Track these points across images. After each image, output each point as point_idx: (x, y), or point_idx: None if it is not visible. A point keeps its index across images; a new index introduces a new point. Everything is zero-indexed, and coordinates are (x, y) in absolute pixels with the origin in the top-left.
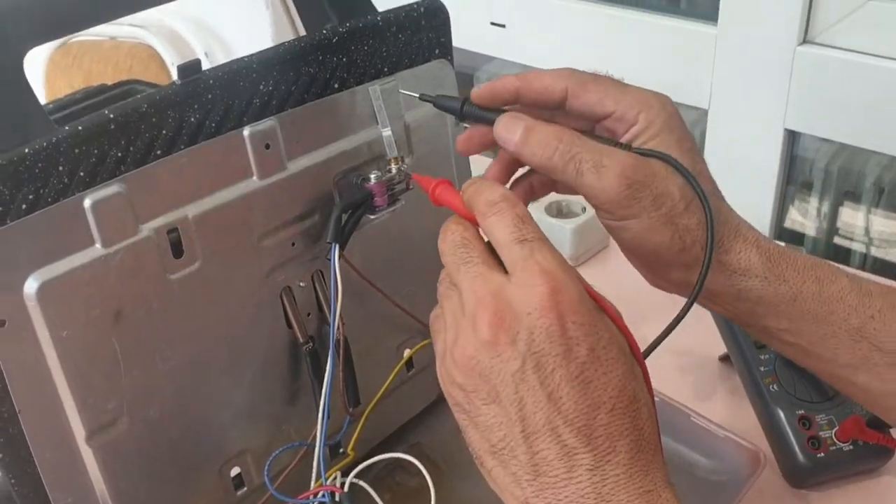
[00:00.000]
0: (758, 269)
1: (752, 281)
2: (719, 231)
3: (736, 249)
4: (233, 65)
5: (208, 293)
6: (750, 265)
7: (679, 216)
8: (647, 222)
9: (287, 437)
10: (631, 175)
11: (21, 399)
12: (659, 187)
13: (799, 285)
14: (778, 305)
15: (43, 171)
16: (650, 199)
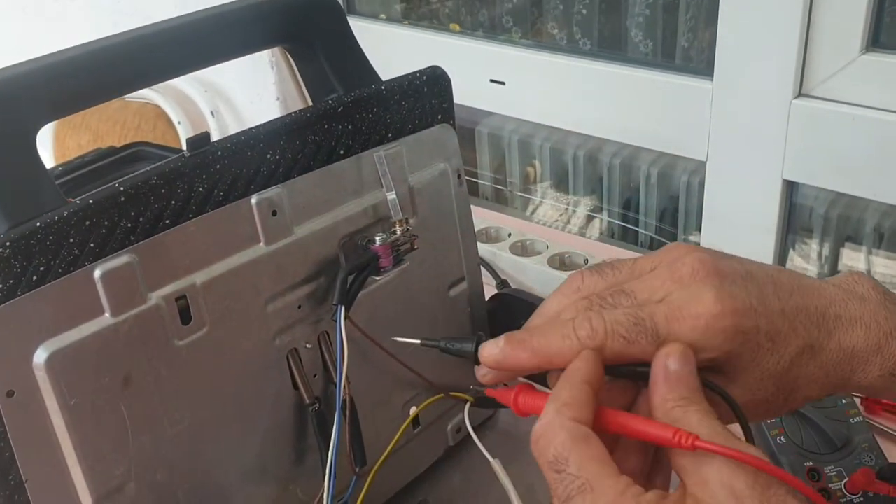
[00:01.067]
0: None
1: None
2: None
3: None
4: (240, 136)
5: (215, 357)
6: (871, 386)
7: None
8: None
9: (294, 498)
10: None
11: (28, 468)
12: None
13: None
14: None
15: (54, 243)
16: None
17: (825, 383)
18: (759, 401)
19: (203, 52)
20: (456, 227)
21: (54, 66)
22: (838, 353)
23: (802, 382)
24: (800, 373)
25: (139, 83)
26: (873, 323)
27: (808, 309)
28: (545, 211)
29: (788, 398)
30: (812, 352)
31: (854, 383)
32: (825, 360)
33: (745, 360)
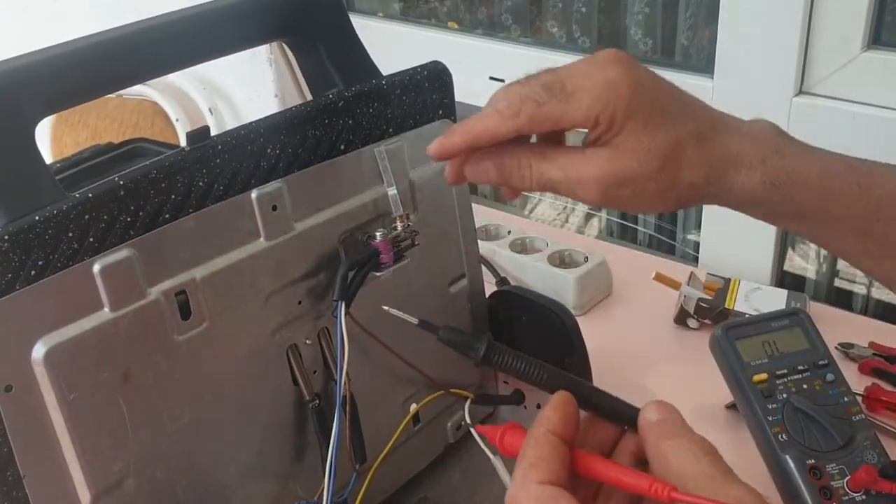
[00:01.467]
0: (761, 196)
1: (757, 207)
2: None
3: (738, 183)
4: (240, 130)
5: (215, 353)
6: (753, 194)
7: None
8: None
9: (294, 495)
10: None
11: (26, 463)
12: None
13: (807, 203)
14: (786, 218)
15: (53, 237)
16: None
17: (709, 173)
18: (646, 175)
19: (204, 45)
20: (456, 223)
21: (54, 59)
22: (724, 149)
23: (687, 164)
24: (686, 154)
25: (140, 77)
26: (762, 139)
27: (705, 110)
28: (543, 210)
29: (676, 179)
30: (700, 140)
31: (738, 184)
32: (710, 152)
33: (638, 126)
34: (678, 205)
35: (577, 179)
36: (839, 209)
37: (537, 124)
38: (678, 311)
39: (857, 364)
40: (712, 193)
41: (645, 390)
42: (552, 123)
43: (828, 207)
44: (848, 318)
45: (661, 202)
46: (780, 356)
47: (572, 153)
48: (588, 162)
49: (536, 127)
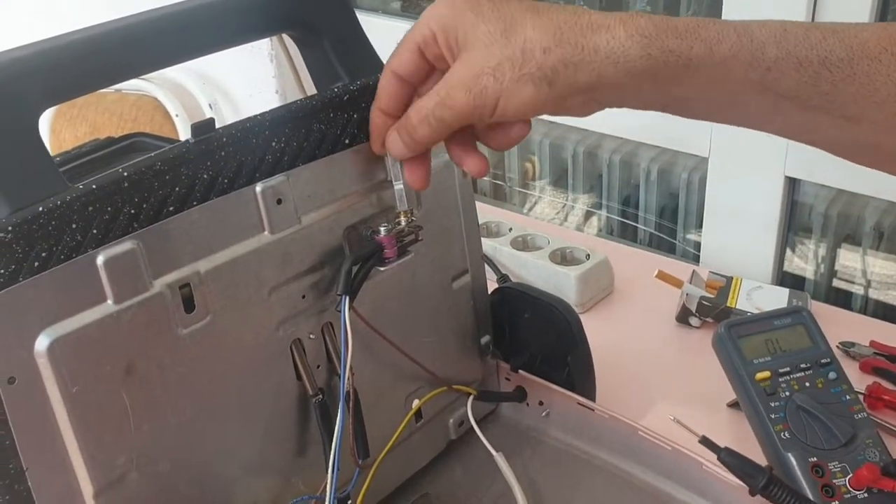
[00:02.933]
0: (636, 53)
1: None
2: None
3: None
4: (245, 123)
5: (219, 347)
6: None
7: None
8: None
9: (296, 490)
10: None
11: (29, 456)
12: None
13: (687, 51)
14: (671, 77)
15: (56, 228)
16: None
17: (559, 35)
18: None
19: (207, 37)
20: (460, 219)
21: (57, 49)
22: (570, 14)
23: (530, 31)
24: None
25: (145, 67)
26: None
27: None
28: (543, 208)
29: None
30: (536, 10)
31: (602, 46)
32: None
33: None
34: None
35: (447, 91)
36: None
37: (400, 58)
38: (680, 309)
39: (858, 363)
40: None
41: (647, 388)
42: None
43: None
44: (848, 317)
45: (527, 83)
46: (783, 354)
47: (445, 75)
48: (451, 72)
49: (401, 62)
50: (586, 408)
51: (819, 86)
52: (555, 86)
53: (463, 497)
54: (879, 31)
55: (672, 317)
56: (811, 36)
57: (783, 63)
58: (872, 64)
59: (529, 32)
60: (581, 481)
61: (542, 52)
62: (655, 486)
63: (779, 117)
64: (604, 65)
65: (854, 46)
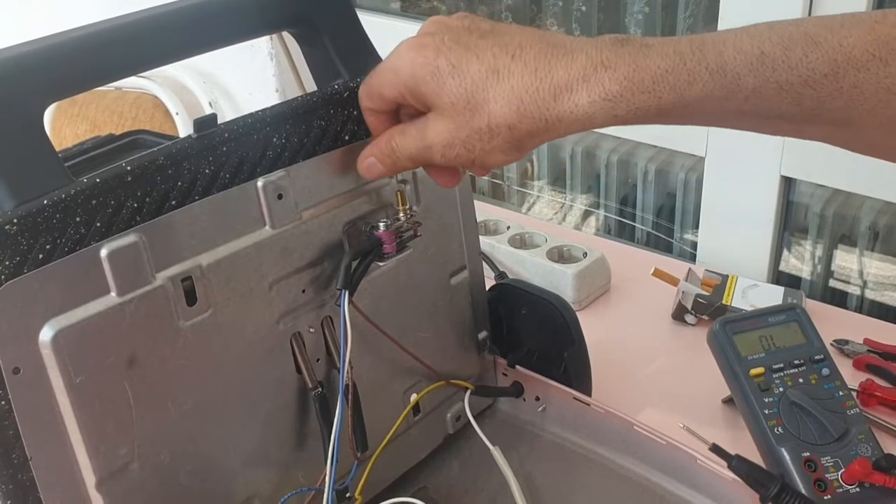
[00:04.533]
0: (601, 113)
1: (604, 121)
2: (533, 102)
3: (565, 109)
4: (247, 118)
5: (220, 339)
6: (590, 115)
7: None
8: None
9: (295, 482)
10: (440, 148)
11: (32, 445)
12: (452, 141)
13: (656, 104)
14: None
15: (60, 221)
16: (461, 148)
17: (521, 110)
18: (464, 128)
19: (209, 34)
20: (458, 215)
21: (61, 45)
22: (531, 78)
23: (493, 105)
24: (487, 94)
25: (146, 64)
26: (583, 56)
27: (505, 44)
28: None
29: (490, 123)
30: (497, 75)
31: (566, 114)
32: (514, 85)
33: (431, 85)
34: (518, 149)
35: (424, 147)
36: (695, 100)
37: (370, 102)
38: (676, 306)
39: (852, 360)
40: (542, 128)
41: (643, 384)
42: (377, 97)
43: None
44: (843, 315)
45: (497, 152)
46: (777, 351)
47: (420, 122)
48: (427, 128)
49: (371, 105)
50: (582, 403)
51: (802, 104)
52: (523, 150)
53: (460, 491)
54: (866, 33)
55: (668, 314)
56: (791, 56)
57: (762, 90)
58: (860, 74)
59: (493, 107)
60: (577, 475)
61: (507, 129)
62: (650, 480)
63: (766, 129)
64: (570, 128)
65: (839, 60)
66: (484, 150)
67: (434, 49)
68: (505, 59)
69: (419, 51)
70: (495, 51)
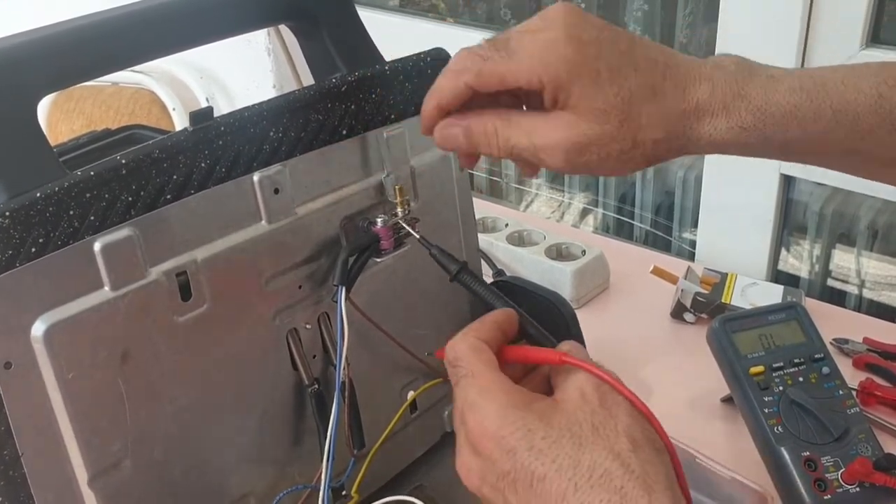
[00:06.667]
0: (732, 140)
1: (732, 149)
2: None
3: (705, 133)
4: (243, 112)
5: (215, 335)
6: (723, 141)
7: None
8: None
9: (291, 480)
10: (564, 151)
11: (24, 441)
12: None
13: (782, 136)
14: (767, 153)
15: (54, 214)
16: (594, 156)
17: (668, 128)
18: (607, 135)
19: (207, 26)
20: (456, 211)
21: (56, 36)
22: (680, 100)
23: (646, 121)
24: (642, 110)
25: (142, 56)
26: (721, 82)
27: (654, 58)
28: (539, 206)
29: (637, 137)
30: (653, 92)
31: (705, 134)
32: (668, 105)
33: (586, 86)
34: (648, 162)
35: (542, 146)
36: (818, 137)
37: (483, 80)
38: (675, 304)
39: (852, 359)
40: (680, 146)
41: (642, 382)
42: (497, 81)
43: (806, 137)
44: (842, 313)
45: (628, 162)
46: (777, 349)
47: (536, 118)
48: (550, 126)
49: (483, 83)
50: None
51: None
52: (652, 164)
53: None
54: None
55: (667, 312)
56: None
57: (878, 131)
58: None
59: (644, 121)
60: None
61: (652, 144)
62: None
63: (883, 176)
64: (704, 150)
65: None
66: (620, 159)
67: (595, 52)
68: (657, 77)
69: (579, 48)
70: (649, 65)
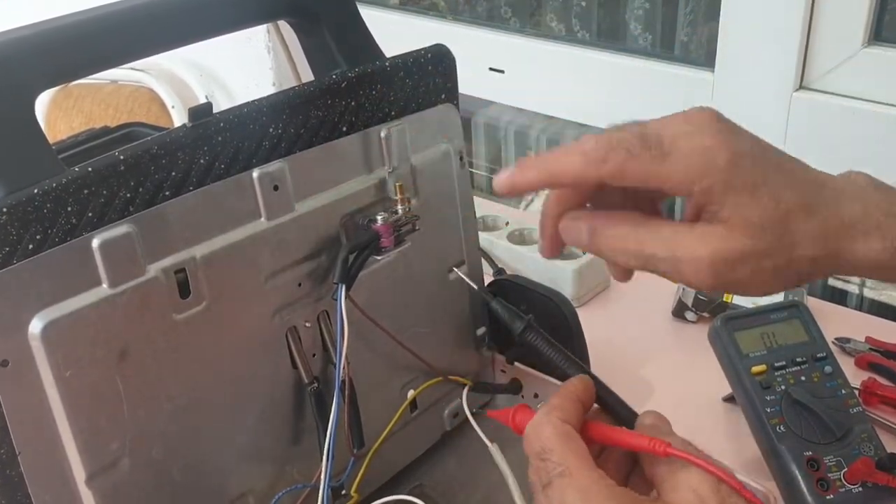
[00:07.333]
0: (887, 261)
1: (888, 272)
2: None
3: (860, 252)
4: (243, 108)
5: (214, 333)
6: (878, 261)
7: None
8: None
9: (290, 479)
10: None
11: (21, 440)
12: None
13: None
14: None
15: (51, 211)
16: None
17: (825, 247)
18: (762, 252)
19: (207, 22)
20: (457, 209)
21: (54, 31)
22: (835, 218)
23: (800, 238)
24: (797, 227)
25: (141, 52)
26: (871, 202)
27: (805, 175)
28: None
29: (792, 255)
30: (808, 210)
31: (860, 254)
32: (822, 222)
33: (744, 200)
34: (800, 281)
35: (686, 258)
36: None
37: (625, 177)
38: (676, 303)
39: (854, 358)
40: (833, 266)
41: (643, 382)
42: (641, 179)
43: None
44: (844, 313)
45: (780, 281)
46: (779, 348)
47: (680, 228)
48: (697, 238)
49: (623, 179)
50: None
51: None
52: (803, 283)
53: (457, 488)
54: None
55: (668, 311)
56: None
57: None
58: None
59: (799, 237)
60: None
61: (808, 263)
62: None
63: None
64: (858, 270)
65: None
66: (773, 277)
67: (751, 164)
68: (812, 194)
69: (736, 159)
70: (802, 181)
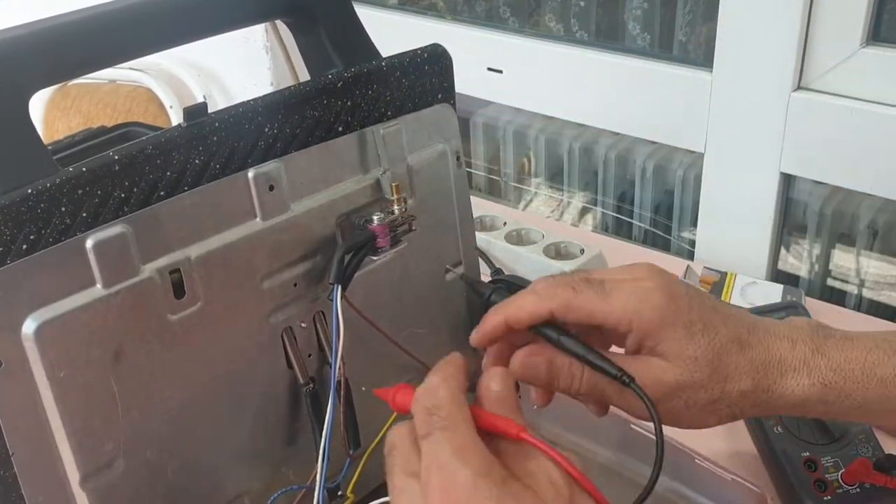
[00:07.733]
0: (815, 397)
1: (815, 407)
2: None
3: (789, 388)
4: (238, 108)
5: (209, 334)
6: (806, 398)
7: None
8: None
9: (286, 480)
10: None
11: (15, 441)
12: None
13: (863, 394)
14: (846, 414)
15: (45, 211)
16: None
17: (756, 380)
18: (697, 384)
19: (203, 21)
20: (454, 209)
21: (49, 30)
22: (766, 354)
23: (733, 371)
24: (730, 360)
25: (137, 51)
26: (799, 341)
27: (739, 316)
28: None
29: (725, 388)
30: (741, 344)
31: (789, 389)
32: (754, 357)
33: (680, 335)
34: (732, 415)
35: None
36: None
37: (571, 311)
38: None
39: None
40: (764, 401)
41: None
42: (586, 314)
43: (886, 396)
44: (842, 313)
45: (713, 413)
46: None
47: (624, 360)
48: (641, 368)
49: (570, 313)
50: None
51: None
52: (737, 418)
53: None
54: None
55: None
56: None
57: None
58: None
59: (731, 371)
60: None
61: (739, 396)
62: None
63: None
64: (784, 407)
65: None
66: (706, 409)
67: (687, 305)
68: (743, 332)
69: (673, 300)
70: (735, 320)
